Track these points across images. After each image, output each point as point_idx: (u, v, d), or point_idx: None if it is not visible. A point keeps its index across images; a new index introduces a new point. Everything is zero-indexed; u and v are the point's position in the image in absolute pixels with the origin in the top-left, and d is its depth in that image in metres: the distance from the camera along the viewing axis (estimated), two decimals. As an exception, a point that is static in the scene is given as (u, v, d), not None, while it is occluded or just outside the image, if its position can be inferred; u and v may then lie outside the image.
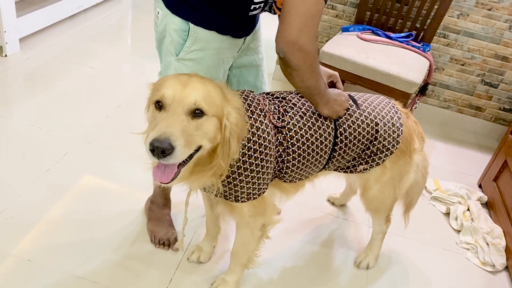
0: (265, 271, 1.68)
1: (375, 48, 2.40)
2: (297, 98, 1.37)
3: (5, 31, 2.65)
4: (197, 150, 1.09)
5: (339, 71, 2.39)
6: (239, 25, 1.31)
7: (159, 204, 1.74)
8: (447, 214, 2.17)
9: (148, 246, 1.69)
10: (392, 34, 2.55)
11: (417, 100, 2.57)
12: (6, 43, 2.69)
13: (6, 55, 2.72)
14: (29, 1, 3.44)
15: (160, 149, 0.97)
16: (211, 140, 1.11)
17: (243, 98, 1.26)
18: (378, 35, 2.54)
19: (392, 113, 1.45)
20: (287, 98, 1.36)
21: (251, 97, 1.28)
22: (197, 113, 1.05)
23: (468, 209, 2.17)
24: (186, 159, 1.07)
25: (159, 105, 1.07)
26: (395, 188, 1.53)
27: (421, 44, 2.55)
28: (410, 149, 1.47)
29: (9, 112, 2.28)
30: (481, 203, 2.26)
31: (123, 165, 2.07)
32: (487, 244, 1.97)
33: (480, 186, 2.43)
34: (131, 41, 3.43)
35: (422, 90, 2.55)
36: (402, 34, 2.57)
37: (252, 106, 1.25)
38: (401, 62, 2.33)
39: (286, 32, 1.12)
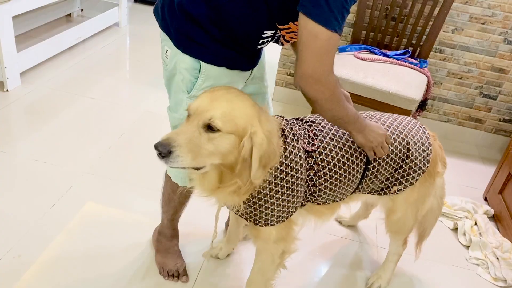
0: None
1: (372, 67, 2.43)
2: (325, 121, 1.39)
3: (6, 67, 2.68)
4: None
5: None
6: (247, 58, 1.32)
7: (167, 235, 1.73)
8: (455, 229, 2.16)
9: (158, 278, 1.68)
10: (388, 52, 2.58)
11: (417, 115, 2.59)
12: (7, 78, 2.71)
13: (7, 90, 2.74)
14: (28, 35, 3.49)
15: (158, 151, 1.07)
16: (223, 156, 1.13)
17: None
18: (375, 53, 2.57)
19: (421, 132, 1.48)
20: (316, 122, 1.38)
21: (284, 122, 1.31)
22: (211, 127, 1.10)
23: (476, 224, 2.16)
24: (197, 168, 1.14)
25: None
26: (418, 209, 1.55)
27: (418, 60, 2.58)
28: (435, 172, 1.49)
29: (12, 148, 2.28)
30: (488, 217, 2.25)
31: (129, 196, 2.06)
32: (497, 258, 1.96)
33: (485, 199, 2.43)
34: (130, 70, 3.46)
35: (422, 105, 2.56)
36: (399, 52, 2.60)
37: (286, 131, 1.28)
38: (400, 79, 2.35)
39: (301, 67, 1.14)
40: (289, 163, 1.25)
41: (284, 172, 1.25)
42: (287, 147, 1.26)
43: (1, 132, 2.39)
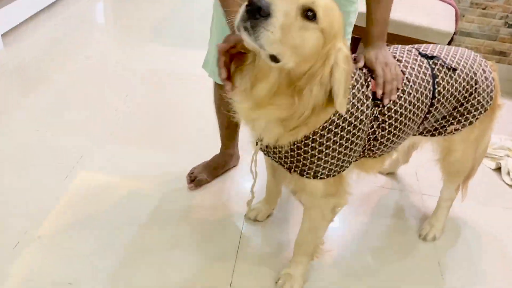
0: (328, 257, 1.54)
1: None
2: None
3: (-15, 28, 2.39)
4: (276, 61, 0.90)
5: (363, 28, 2.20)
6: None
7: (219, 157, 1.80)
8: (498, 169, 2.04)
9: (201, 244, 1.53)
10: (411, -17, 2.35)
11: (444, 51, 2.40)
12: (-12, 41, 2.43)
13: (-10, 55, 2.46)
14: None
15: (256, 6, 0.80)
16: (302, 58, 0.91)
17: None
18: (397, -15, 2.34)
19: (484, 65, 1.30)
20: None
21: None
22: (308, 15, 0.87)
23: (518, 161, 2.05)
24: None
25: None
26: (477, 147, 1.41)
27: (444, -10, 2.36)
28: (495, 105, 1.34)
29: (10, 120, 2.03)
30: (528, 152, 2.13)
31: (143, 160, 1.86)
32: (548, 196, 1.86)
33: (521, 133, 2.31)
34: (122, 24, 3.15)
35: (448, 41, 2.38)
36: (422, -18, 2.37)
37: (357, 73, 1.12)
38: (429, 12, 2.16)
39: None
40: (354, 112, 1.08)
41: (347, 121, 1.08)
42: (356, 92, 1.08)
43: (-7, 101, 2.13)
